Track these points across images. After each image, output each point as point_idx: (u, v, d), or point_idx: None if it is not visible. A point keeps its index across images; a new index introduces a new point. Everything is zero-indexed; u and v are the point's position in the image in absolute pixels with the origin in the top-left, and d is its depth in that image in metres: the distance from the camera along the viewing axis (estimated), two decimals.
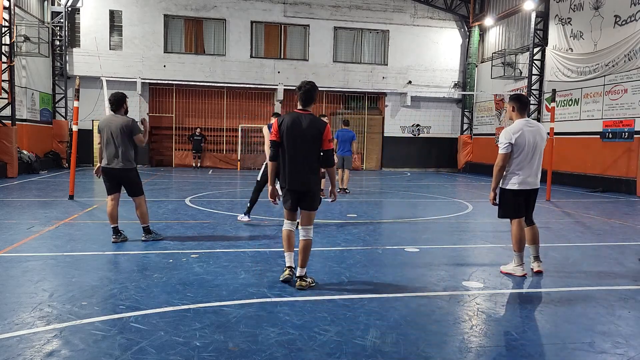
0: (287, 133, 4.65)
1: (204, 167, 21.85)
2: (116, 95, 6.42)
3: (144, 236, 6.59)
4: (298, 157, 4.67)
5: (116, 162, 6.29)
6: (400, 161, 24.28)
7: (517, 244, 5.27)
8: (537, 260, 5.44)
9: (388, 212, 10.40)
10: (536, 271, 5.38)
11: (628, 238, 7.77)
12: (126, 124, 6.32)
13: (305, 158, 4.68)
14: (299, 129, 4.63)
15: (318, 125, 4.67)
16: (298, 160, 4.67)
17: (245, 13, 22.16)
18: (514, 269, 5.32)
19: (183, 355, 3.19)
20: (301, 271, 4.70)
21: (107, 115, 6.52)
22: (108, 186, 6.48)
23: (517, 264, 5.30)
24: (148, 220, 6.66)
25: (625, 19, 15.21)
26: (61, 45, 20.44)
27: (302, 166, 4.69)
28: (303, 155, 4.67)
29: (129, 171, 6.38)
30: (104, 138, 6.32)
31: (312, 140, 4.66)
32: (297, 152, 4.66)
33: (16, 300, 4.17)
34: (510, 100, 5.30)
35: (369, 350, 3.34)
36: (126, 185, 6.48)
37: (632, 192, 14.40)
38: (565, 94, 17.85)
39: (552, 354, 3.40)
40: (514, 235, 5.30)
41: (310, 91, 4.73)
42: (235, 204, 10.86)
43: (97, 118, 20.36)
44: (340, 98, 23.69)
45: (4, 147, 14.99)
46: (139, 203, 6.53)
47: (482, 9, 23.18)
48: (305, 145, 4.66)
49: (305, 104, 4.76)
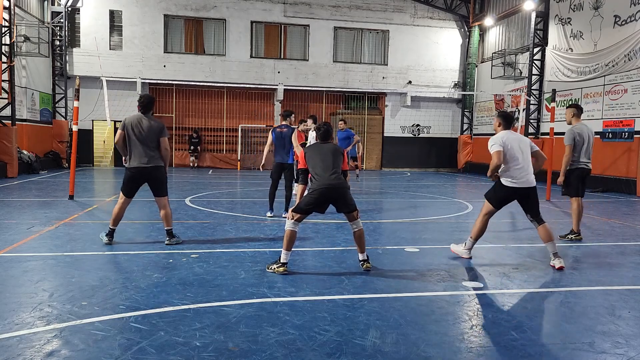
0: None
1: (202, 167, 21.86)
2: (148, 97, 6.29)
3: (168, 240, 6.39)
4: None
5: (145, 161, 6.12)
6: (400, 161, 24.28)
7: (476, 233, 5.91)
8: (556, 256, 5.65)
9: (388, 212, 10.40)
10: (558, 268, 5.59)
11: (628, 238, 7.77)
12: (157, 125, 6.19)
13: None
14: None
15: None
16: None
17: (245, 13, 22.16)
18: (462, 252, 6.04)
19: (183, 355, 3.19)
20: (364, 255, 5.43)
21: (135, 115, 6.26)
22: (131, 187, 6.28)
23: (466, 248, 6.00)
24: (172, 223, 6.48)
25: (625, 19, 15.22)
26: (61, 45, 20.44)
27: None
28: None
29: (159, 169, 6.21)
30: (132, 137, 6.11)
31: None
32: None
33: (16, 300, 4.17)
34: (498, 116, 5.89)
35: (369, 350, 3.34)
36: (154, 183, 6.26)
37: (632, 192, 14.40)
38: (565, 94, 17.85)
39: (552, 354, 3.40)
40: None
41: (329, 131, 5.70)
42: (235, 204, 10.86)
43: (97, 118, 20.41)
44: (340, 98, 23.69)
45: (4, 147, 14.99)
46: (164, 204, 6.35)
47: (482, 9, 23.18)
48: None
49: (322, 139, 5.71)
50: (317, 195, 5.20)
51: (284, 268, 5.14)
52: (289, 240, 5.15)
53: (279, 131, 8.59)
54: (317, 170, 5.31)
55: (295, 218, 5.20)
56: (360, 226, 5.36)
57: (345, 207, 5.28)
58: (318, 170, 5.31)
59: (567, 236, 7.40)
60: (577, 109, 7.33)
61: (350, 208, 5.28)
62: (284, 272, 5.11)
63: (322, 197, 5.21)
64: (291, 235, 5.17)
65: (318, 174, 5.28)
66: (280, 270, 5.13)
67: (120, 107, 18.72)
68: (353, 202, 5.34)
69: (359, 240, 5.37)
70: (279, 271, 5.12)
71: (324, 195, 5.21)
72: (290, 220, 5.21)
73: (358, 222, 5.34)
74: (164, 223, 6.42)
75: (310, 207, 5.22)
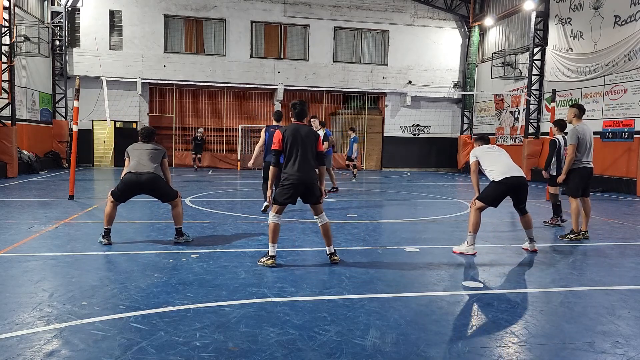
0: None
1: (203, 167, 21.86)
2: (148, 130, 6.61)
3: (176, 238, 6.46)
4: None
5: (145, 167, 6.22)
6: (400, 161, 24.28)
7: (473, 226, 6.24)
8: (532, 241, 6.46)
9: (388, 212, 10.40)
10: (532, 250, 6.41)
11: (628, 238, 7.77)
12: (158, 148, 6.47)
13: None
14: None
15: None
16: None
17: (245, 13, 22.17)
18: (466, 249, 6.25)
19: (183, 355, 3.19)
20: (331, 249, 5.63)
21: (137, 144, 6.54)
22: (125, 195, 6.36)
23: (469, 244, 6.25)
24: (182, 222, 6.52)
25: (625, 19, 15.22)
26: (61, 45, 20.44)
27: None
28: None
29: (158, 178, 6.28)
30: (134, 157, 6.34)
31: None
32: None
33: (16, 300, 4.17)
34: (476, 140, 6.75)
35: (369, 350, 3.34)
36: (156, 192, 6.36)
37: (632, 192, 14.41)
38: (565, 94, 17.85)
39: (552, 354, 3.40)
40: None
41: (304, 110, 5.64)
42: (235, 204, 10.86)
43: (97, 118, 20.41)
44: (340, 98, 23.70)
45: (4, 147, 14.99)
46: (175, 204, 6.45)
47: (482, 9, 23.19)
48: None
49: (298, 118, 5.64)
50: (291, 188, 5.40)
51: (272, 261, 5.36)
52: (273, 233, 5.39)
53: (272, 131, 8.46)
54: (292, 160, 5.41)
55: (276, 210, 5.45)
56: (325, 219, 5.58)
57: (312, 198, 5.51)
58: (293, 159, 5.41)
59: (567, 236, 7.40)
60: (579, 109, 7.44)
61: (316, 200, 5.51)
62: (273, 264, 5.33)
63: (294, 190, 5.41)
64: (275, 227, 5.41)
65: (293, 163, 5.41)
66: (269, 262, 5.35)
67: (120, 107, 18.74)
68: (319, 194, 5.56)
69: (326, 234, 5.58)
70: (268, 264, 5.34)
71: (296, 189, 5.41)
72: (271, 213, 5.47)
73: (323, 216, 5.57)
74: (174, 221, 6.48)
75: (286, 200, 5.43)
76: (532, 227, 6.40)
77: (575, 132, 7.25)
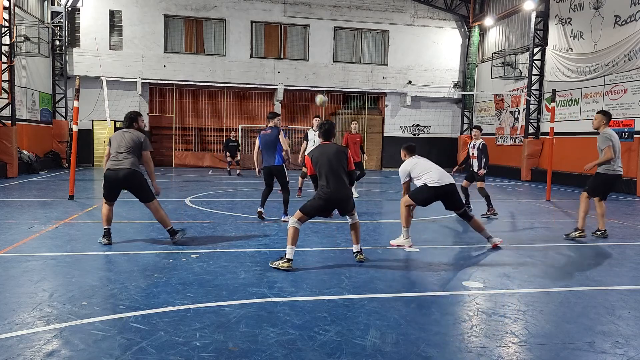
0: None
1: (202, 167, 21.85)
2: (128, 114, 6.60)
3: (172, 238, 6.42)
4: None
5: (121, 162, 6.17)
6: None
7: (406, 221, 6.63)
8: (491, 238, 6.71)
9: (388, 212, 10.39)
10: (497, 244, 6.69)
11: (628, 238, 7.77)
12: (137, 137, 6.35)
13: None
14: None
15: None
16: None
17: (245, 13, 22.17)
18: (402, 242, 6.63)
19: (183, 355, 3.19)
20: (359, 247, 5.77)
21: (118, 131, 6.51)
22: (110, 193, 6.31)
23: (405, 238, 6.64)
24: (169, 222, 6.47)
25: (625, 19, 15.21)
26: (61, 45, 20.44)
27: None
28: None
29: (135, 174, 6.20)
30: (113, 148, 6.31)
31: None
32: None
33: (16, 300, 4.17)
34: (403, 149, 7.08)
35: (369, 350, 3.34)
36: (133, 190, 6.29)
37: (632, 192, 14.40)
38: (565, 94, 17.85)
39: (552, 354, 3.40)
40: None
41: (330, 130, 5.83)
42: (235, 204, 10.86)
43: (97, 118, 20.41)
44: (340, 98, 23.69)
45: (4, 147, 14.99)
46: (154, 209, 6.36)
47: (482, 9, 23.18)
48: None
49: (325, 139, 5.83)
50: (324, 204, 5.48)
51: (289, 264, 5.25)
52: (292, 237, 5.34)
53: (264, 134, 8.33)
54: (324, 181, 5.50)
55: (299, 217, 5.45)
56: (356, 219, 5.73)
57: (347, 212, 5.66)
58: (325, 180, 5.50)
59: (570, 234, 7.55)
60: (607, 117, 7.61)
61: (350, 211, 5.66)
62: (289, 267, 5.23)
63: (328, 205, 5.52)
64: (294, 232, 5.37)
65: (326, 184, 5.48)
66: (285, 265, 5.24)
67: (120, 107, 18.71)
68: (353, 206, 5.69)
69: (355, 230, 5.71)
70: (284, 267, 5.23)
71: (331, 204, 5.52)
72: (294, 219, 5.42)
73: (354, 216, 5.71)
74: (162, 225, 6.46)
75: (315, 213, 5.54)
76: (483, 228, 6.69)
77: (607, 135, 7.38)
